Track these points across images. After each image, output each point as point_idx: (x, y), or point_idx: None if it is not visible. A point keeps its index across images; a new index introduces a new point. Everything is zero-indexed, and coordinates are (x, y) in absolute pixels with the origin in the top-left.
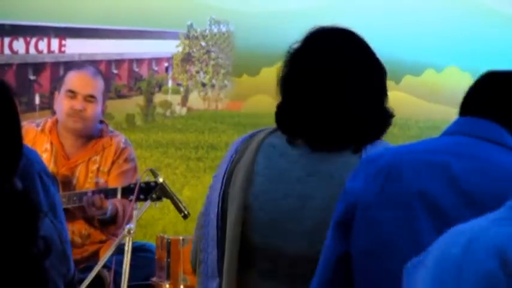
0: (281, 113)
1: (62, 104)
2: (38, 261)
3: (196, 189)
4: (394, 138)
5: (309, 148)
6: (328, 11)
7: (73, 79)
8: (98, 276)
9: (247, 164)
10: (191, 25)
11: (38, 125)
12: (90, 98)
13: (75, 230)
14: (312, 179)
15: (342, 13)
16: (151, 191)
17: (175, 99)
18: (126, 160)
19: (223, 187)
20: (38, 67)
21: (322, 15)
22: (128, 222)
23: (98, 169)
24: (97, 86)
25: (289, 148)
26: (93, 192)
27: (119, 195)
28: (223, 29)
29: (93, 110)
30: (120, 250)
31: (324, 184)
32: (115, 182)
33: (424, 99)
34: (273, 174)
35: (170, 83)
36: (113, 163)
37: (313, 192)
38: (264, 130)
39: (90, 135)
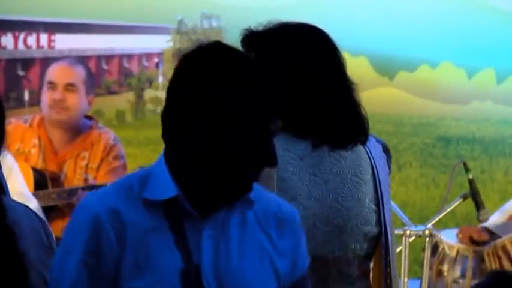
0: (295, 117)
1: (44, 97)
2: (12, 249)
3: None
4: (387, 135)
5: (329, 148)
6: (321, 6)
7: (51, 71)
8: None
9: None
10: (182, 20)
11: (26, 121)
12: (70, 87)
13: (64, 227)
14: (337, 178)
15: (334, 8)
16: None
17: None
18: (115, 157)
19: None
20: (27, 63)
21: (314, 9)
22: None
23: (87, 165)
24: (76, 74)
25: (308, 150)
26: (83, 189)
27: None
28: (214, 24)
29: (75, 99)
30: None
31: (346, 182)
32: (104, 179)
33: (419, 96)
34: (301, 180)
35: (161, 79)
36: (102, 160)
37: (342, 192)
38: None
39: (77, 129)
